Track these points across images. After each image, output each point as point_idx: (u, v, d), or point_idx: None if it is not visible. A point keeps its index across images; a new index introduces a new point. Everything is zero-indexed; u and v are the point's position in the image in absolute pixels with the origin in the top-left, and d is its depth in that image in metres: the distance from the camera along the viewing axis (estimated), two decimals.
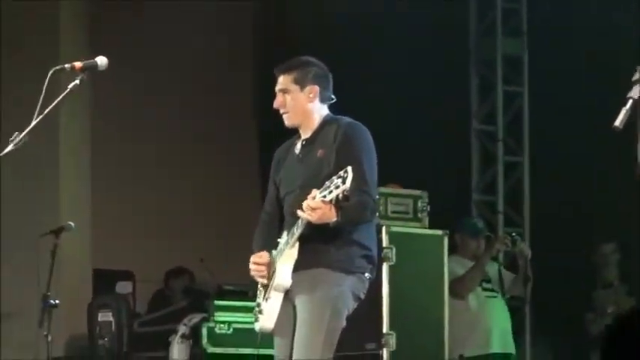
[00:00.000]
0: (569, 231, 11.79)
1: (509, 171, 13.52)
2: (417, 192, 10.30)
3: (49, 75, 7.82)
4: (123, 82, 12.38)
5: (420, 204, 10.24)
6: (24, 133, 7.95)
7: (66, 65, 7.94)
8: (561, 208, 11.95)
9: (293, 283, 7.62)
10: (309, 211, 7.25)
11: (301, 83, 7.79)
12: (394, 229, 9.89)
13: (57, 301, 9.64)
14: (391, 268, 9.73)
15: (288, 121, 7.81)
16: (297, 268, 7.59)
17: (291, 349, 7.61)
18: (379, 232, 9.60)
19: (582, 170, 11.58)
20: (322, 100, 7.88)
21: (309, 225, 7.41)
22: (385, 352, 9.63)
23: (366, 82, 12.67)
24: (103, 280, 12.13)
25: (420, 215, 10.25)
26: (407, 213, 10.17)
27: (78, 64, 7.94)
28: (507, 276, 11.84)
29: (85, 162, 12.62)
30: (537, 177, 13.16)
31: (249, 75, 14.08)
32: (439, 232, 10.27)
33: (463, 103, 13.70)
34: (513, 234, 12.30)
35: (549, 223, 12.48)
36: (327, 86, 7.91)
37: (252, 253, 7.86)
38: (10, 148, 8.07)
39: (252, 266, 7.75)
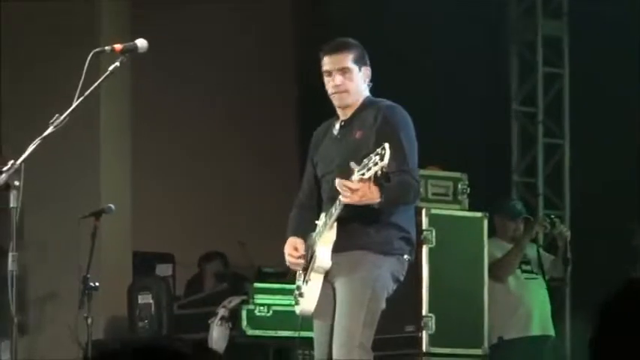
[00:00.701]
0: (610, 213, 11.78)
1: (550, 153, 13.46)
2: (457, 174, 10.30)
3: (89, 57, 7.88)
4: (162, 67, 12.41)
5: (460, 186, 10.24)
6: (64, 115, 8.01)
7: (106, 47, 8.02)
8: (602, 190, 11.93)
9: (332, 265, 7.65)
10: (349, 193, 7.23)
11: (359, 63, 7.87)
12: (434, 211, 9.91)
13: (97, 284, 9.67)
14: (431, 251, 9.75)
15: (341, 101, 7.85)
16: (337, 250, 7.63)
17: (332, 331, 7.65)
18: (418, 214, 9.61)
19: (623, 152, 11.56)
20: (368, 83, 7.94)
21: (347, 207, 7.42)
22: (424, 335, 9.65)
23: (406, 62, 12.65)
24: (143, 263, 12.16)
25: (459, 197, 10.24)
26: (447, 195, 10.18)
27: (118, 46, 8.01)
28: (547, 258, 11.83)
29: (125, 145, 12.62)
30: (577, 159, 13.12)
31: (287, 60, 14.05)
32: (479, 214, 10.27)
33: (503, 85, 13.67)
34: (552, 216, 12.31)
35: (590, 205, 12.47)
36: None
37: (287, 234, 7.91)
38: (50, 130, 8.14)
39: (287, 257, 7.82)
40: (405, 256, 7.79)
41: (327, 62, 7.87)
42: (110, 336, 11.63)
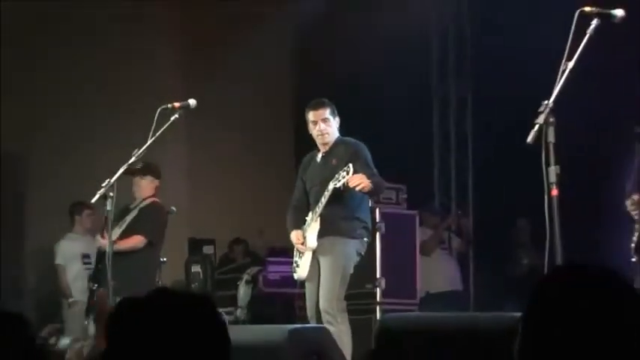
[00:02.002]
0: (499, 211, 11.73)
1: (460, 171, 13.36)
2: (399, 185, 10.32)
3: (158, 110, 7.87)
4: (207, 114, 12.30)
5: (400, 194, 10.28)
6: (142, 149, 7.97)
7: (169, 105, 7.99)
8: (495, 197, 11.84)
9: (317, 245, 7.82)
10: (353, 181, 7.48)
11: (333, 115, 8.03)
12: (384, 209, 9.87)
13: (164, 259, 9.60)
14: (382, 236, 9.70)
15: (323, 140, 8.10)
16: (320, 236, 7.83)
17: (318, 290, 7.74)
18: (373, 212, 9.60)
19: (512, 171, 11.33)
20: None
21: (326, 206, 7.72)
22: (378, 290, 9.61)
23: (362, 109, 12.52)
24: (194, 245, 12.12)
25: (400, 201, 10.28)
26: (392, 199, 10.20)
27: (177, 104, 8.01)
28: (456, 240, 11.88)
29: (183, 156, 12.55)
30: (478, 175, 13.01)
31: (286, 111, 13.88)
32: (413, 212, 10.27)
33: (429, 130, 13.50)
34: (459, 212, 12.34)
35: (484, 206, 12.42)
36: None
37: (288, 228, 8.08)
38: (133, 159, 8.10)
39: (296, 244, 7.94)
40: (365, 239, 7.98)
41: (312, 115, 7.99)
42: None
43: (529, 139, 6.13)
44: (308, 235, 7.84)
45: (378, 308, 9.57)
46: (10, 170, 10.19)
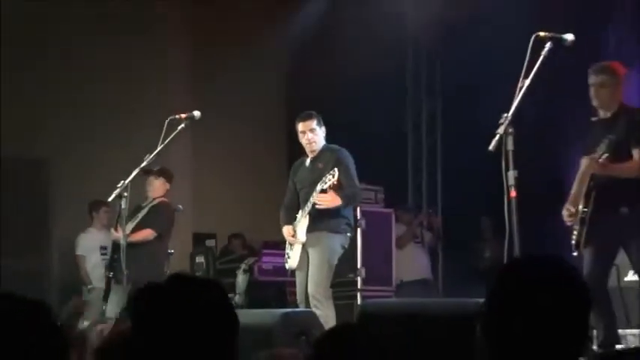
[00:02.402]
0: (465, 209, 11.71)
1: (430, 175, 13.36)
2: (377, 187, 10.33)
3: (167, 121, 7.88)
4: (210, 125, 12.23)
5: (378, 194, 10.28)
6: (152, 155, 7.97)
7: (176, 116, 7.98)
8: (460, 198, 11.82)
9: (306, 239, 7.78)
10: (321, 200, 7.61)
11: (319, 125, 8.00)
12: (364, 208, 9.87)
13: (172, 251, 9.60)
14: (362, 231, 9.70)
15: (311, 148, 8.16)
16: (308, 231, 7.79)
17: (306, 278, 7.72)
18: (355, 209, 9.60)
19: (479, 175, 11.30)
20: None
21: (314, 205, 7.70)
22: (359, 279, 9.61)
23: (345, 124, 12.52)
24: (198, 238, 12.11)
25: (378, 200, 10.29)
26: (371, 199, 10.21)
27: (183, 115, 8.01)
28: (427, 235, 11.87)
29: (187, 160, 12.49)
30: (447, 178, 12.99)
31: (281, 121, 13.83)
32: (389, 210, 10.28)
33: (404, 140, 13.51)
34: (430, 211, 12.34)
35: (453, 204, 12.39)
36: None
37: (281, 224, 8.03)
38: (144, 164, 8.09)
39: (287, 237, 7.92)
40: (348, 234, 7.95)
41: (301, 126, 8.00)
42: None
43: (491, 146, 6.17)
44: (298, 230, 7.81)
45: (358, 294, 9.58)
46: (37, 174, 10.17)
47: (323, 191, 7.64)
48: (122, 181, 7.97)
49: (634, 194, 6.49)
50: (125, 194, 7.94)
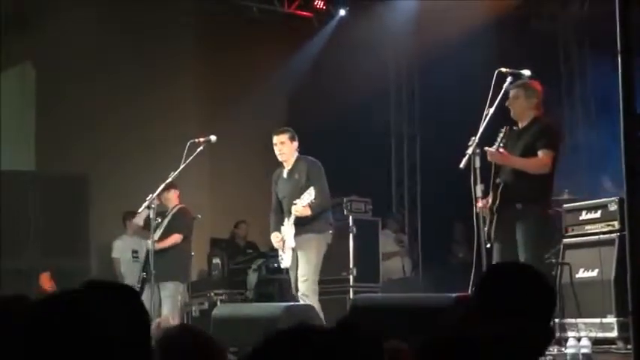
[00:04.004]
0: (441, 216, 11.67)
1: (411, 187, 13.36)
2: (366, 199, 10.29)
3: (187, 144, 7.86)
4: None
5: (366, 205, 10.24)
6: (177, 171, 7.97)
7: (196, 140, 7.96)
8: (436, 207, 11.82)
9: (296, 242, 7.70)
10: (296, 210, 7.57)
11: (292, 140, 7.88)
12: (355, 216, 9.86)
13: (193, 253, 9.58)
14: (353, 236, 9.69)
15: (282, 159, 7.96)
16: (297, 234, 7.69)
17: (296, 276, 7.68)
18: (347, 218, 9.64)
19: (449, 189, 11.35)
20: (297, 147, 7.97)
21: (297, 214, 7.62)
22: (351, 277, 9.60)
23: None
24: (215, 243, 12.04)
25: (367, 210, 10.24)
26: (361, 209, 10.16)
27: (202, 139, 7.99)
28: (405, 237, 11.89)
29: (207, 173, 12.41)
30: (425, 192, 12.97)
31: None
32: (377, 218, 10.26)
33: (387, 159, 13.55)
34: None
35: (431, 213, 12.39)
36: None
37: (270, 230, 7.96)
38: (170, 179, 8.10)
39: (275, 243, 7.85)
40: (330, 232, 7.86)
41: (274, 139, 7.98)
42: (199, 278, 11.43)
43: (461, 164, 6.20)
44: (287, 237, 7.72)
45: (350, 290, 9.56)
46: (77, 188, 10.15)
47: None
48: (150, 195, 7.97)
49: (530, 192, 6.25)
50: (153, 205, 7.95)
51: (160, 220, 8.95)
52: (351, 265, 9.59)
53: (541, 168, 6.32)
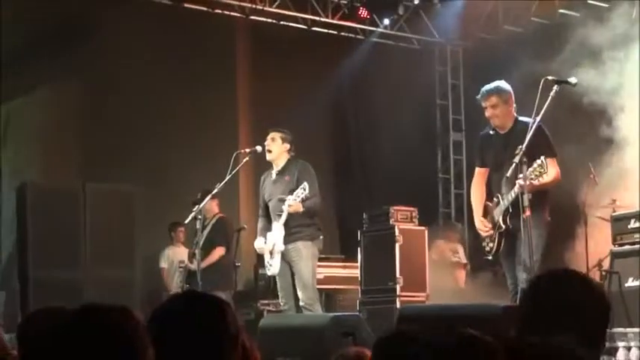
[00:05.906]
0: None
1: (457, 198, 13.31)
2: (412, 208, 10.21)
3: (233, 155, 7.92)
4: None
5: (413, 214, 10.18)
6: (222, 183, 8.03)
7: (241, 150, 8.03)
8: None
9: (286, 250, 7.65)
10: (292, 206, 7.48)
11: (285, 142, 7.84)
12: (401, 226, 9.83)
13: (239, 264, 9.64)
14: (400, 246, 9.65)
15: (270, 158, 7.89)
16: (287, 241, 7.65)
17: (289, 282, 7.67)
18: (393, 228, 9.63)
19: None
20: (289, 150, 7.90)
21: (288, 218, 7.57)
22: (397, 286, 9.57)
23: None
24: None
25: (414, 219, 10.16)
26: (407, 218, 10.09)
27: (247, 150, 8.06)
28: (461, 249, 11.74)
29: (252, 183, 12.33)
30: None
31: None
32: (423, 228, 10.19)
33: (435, 169, 13.55)
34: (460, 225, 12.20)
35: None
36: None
37: (257, 234, 7.94)
38: (215, 190, 8.17)
39: (258, 250, 7.92)
40: (320, 237, 7.82)
41: (268, 136, 7.90)
42: (245, 287, 11.42)
43: (507, 173, 6.18)
44: (276, 240, 7.67)
45: (397, 300, 9.55)
46: (125, 203, 10.27)
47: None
48: (197, 206, 8.04)
49: (536, 199, 6.17)
50: (199, 217, 8.01)
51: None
52: (397, 275, 9.58)
53: (558, 178, 6.46)
